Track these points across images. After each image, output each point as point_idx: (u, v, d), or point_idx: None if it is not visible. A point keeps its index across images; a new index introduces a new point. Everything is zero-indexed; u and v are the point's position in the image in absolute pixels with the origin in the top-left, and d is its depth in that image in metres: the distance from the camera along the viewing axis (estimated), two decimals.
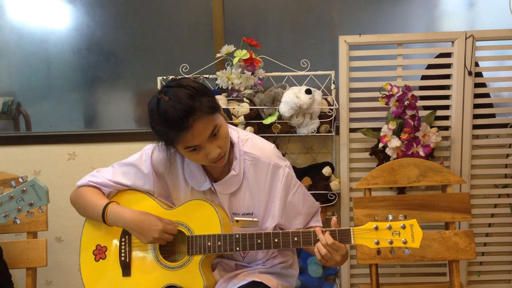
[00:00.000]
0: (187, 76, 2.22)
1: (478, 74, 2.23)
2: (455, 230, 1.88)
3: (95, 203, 1.53)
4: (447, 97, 2.24)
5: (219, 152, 1.40)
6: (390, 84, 2.10)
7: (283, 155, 1.61)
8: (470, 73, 2.19)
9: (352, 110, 2.26)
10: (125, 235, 1.55)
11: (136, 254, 1.55)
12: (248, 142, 1.54)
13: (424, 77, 2.28)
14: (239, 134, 1.55)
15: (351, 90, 2.25)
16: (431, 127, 2.18)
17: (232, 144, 1.52)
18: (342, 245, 1.39)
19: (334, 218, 1.42)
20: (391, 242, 1.36)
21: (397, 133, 2.12)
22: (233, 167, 1.51)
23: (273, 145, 1.58)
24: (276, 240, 1.45)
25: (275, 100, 2.14)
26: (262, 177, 1.52)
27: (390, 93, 2.09)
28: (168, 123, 1.32)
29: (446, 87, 2.25)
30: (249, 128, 2.16)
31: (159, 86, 2.24)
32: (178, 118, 1.31)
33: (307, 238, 1.43)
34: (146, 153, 1.56)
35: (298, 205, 1.56)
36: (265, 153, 1.52)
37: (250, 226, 1.49)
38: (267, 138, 1.66)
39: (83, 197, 1.56)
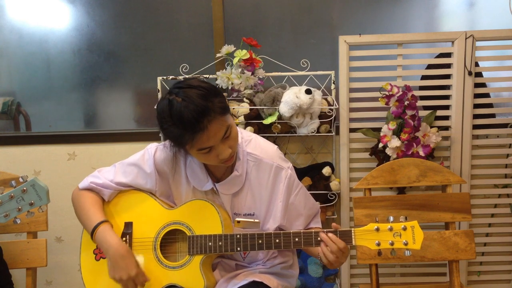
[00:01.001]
0: (187, 76, 2.22)
1: (478, 74, 2.23)
2: (455, 230, 1.88)
3: (90, 217, 1.52)
4: (447, 97, 2.24)
5: (230, 152, 1.39)
6: (390, 84, 2.10)
7: (283, 155, 1.61)
8: (470, 73, 2.19)
9: (352, 110, 2.26)
10: (126, 234, 1.55)
11: (137, 253, 1.54)
12: (251, 143, 1.54)
13: (424, 77, 2.28)
14: (243, 135, 1.55)
15: (351, 90, 2.25)
16: (431, 127, 2.18)
17: None
18: (347, 247, 1.39)
19: (334, 224, 1.42)
20: (392, 244, 1.36)
21: (397, 133, 2.12)
22: (235, 167, 1.51)
23: (276, 146, 1.58)
24: (277, 240, 1.45)
25: (275, 100, 2.14)
26: (265, 178, 1.52)
27: (390, 93, 2.09)
28: (183, 124, 1.31)
29: (446, 87, 2.25)
30: (249, 128, 2.16)
31: (159, 86, 2.24)
32: (194, 119, 1.29)
33: (308, 239, 1.43)
34: (149, 153, 1.56)
35: (300, 206, 1.57)
36: (268, 154, 1.53)
37: (251, 227, 1.49)
38: (267, 138, 1.66)
39: (82, 204, 1.55)
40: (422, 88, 2.28)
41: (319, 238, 1.41)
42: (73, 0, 2.47)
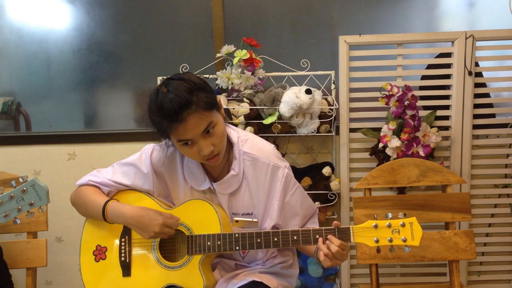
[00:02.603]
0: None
1: (478, 74, 2.23)
2: (455, 230, 1.88)
3: (95, 201, 1.53)
4: (447, 97, 2.24)
5: (212, 149, 1.40)
6: (390, 84, 2.10)
7: (283, 155, 1.61)
8: (470, 73, 2.19)
9: (352, 110, 2.26)
10: (125, 235, 1.55)
11: (136, 254, 1.55)
12: (247, 142, 1.54)
13: (424, 77, 2.28)
14: (239, 134, 1.55)
15: (351, 90, 2.25)
16: (431, 127, 2.18)
17: (232, 144, 1.52)
18: (346, 244, 1.39)
19: (335, 222, 1.42)
20: (390, 240, 1.36)
21: (397, 133, 2.12)
22: (232, 167, 1.51)
23: (273, 145, 1.58)
24: (275, 239, 1.44)
25: (275, 100, 2.14)
26: (262, 178, 1.52)
27: (390, 93, 2.09)
28: (162, 113, 1.33)
29: (446, 87, 2.25)
30: (249, 128, 2.16)
31: None
32: (173, 110, 1.31)
33: (307, 237, 1.43)
34: (145, 153, 1.56)
35: (296, 206, 1.57)
36: (265, 154, 1.53)
37: (249, 227, 1.49)
38: (267, 138, 1.66)
39: (83, 196, 1.56)
40: (422, 88, 2.28)
41: (317, 236, 1.41)
42: (73, 0, 2.47)
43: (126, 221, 1.49)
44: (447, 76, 2.23)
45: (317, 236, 1.41)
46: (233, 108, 2.18)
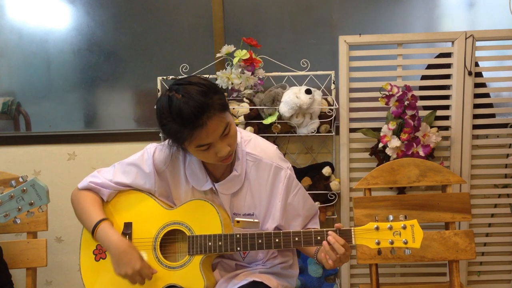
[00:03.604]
0: (187, 76, 2.22)
1: (478, 74, 2.23)
2: (455, 230, 1.88)
3: (90, 215, 1.52)
4: (447, 97, 2.24)
5: (229, 150, 1.40)
6: (390, 84, 2.10)
7: (283, 155, 1.61)
8: (470, 73, 2.19)
9: (352, 110, 2.26)
10: (125, 235, 1.55)
11: None
12: (250, 143, 1.54)
13: (424, 77, 2.28)
14: (242, 135, 1.55)
15: (351, 90, 2.25)
16: (431, 127, 2.18)
17: None
18: (348, 245, 1.39)
19: (337, 224, 1.42)
20: (391, 243, 1.36)
21: (397, 133, 2.12)
22: (235, 167, 1.51)
23: (275, 146, 1.59)
24: (277, 240, 1.45)
25: (275, 100, 2.14)
26: (264, 178, 1.52)
27: (390, 93, 2.09)
28: (182, 120, 1.31)
29: (446, 87, 2.25)
30: (249, 128, 2.16)
31: (159, 86, 2.24)
32: (193, 115, 1.30)
33: (308, 238, 1.43)
34: (148, 152, 1.56)
35: (298, 207, 1.57)
36: (267, 154, 1.53)
37: (251, 227, 1.49)
38: (267, 138, 1.66)
39: (81, 203, 1.56)
40: (422, 88, 2.28)
41: (319, 238, 1.41)
42: (73, 0, 2.47)
43: (109, 248, 1.48)
44: (447, 76, 2.24)
45: (319, 238, 1.41)
46: (233, 108, 2.18)
